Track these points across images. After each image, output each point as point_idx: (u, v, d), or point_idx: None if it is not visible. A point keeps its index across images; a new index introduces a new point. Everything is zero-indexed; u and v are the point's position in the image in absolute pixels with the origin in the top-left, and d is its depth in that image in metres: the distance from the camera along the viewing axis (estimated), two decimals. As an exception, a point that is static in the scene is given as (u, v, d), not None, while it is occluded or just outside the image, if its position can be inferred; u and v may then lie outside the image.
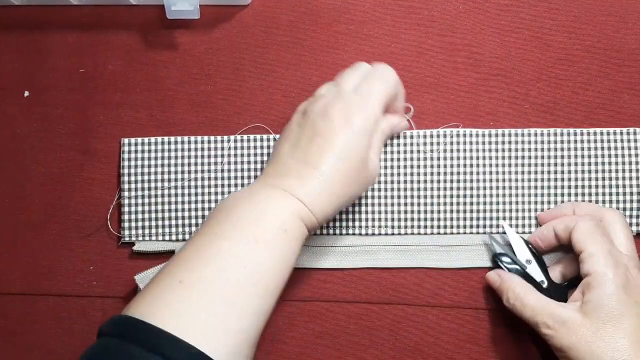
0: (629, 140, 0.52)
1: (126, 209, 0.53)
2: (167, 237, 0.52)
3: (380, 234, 0.52)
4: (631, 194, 0.52)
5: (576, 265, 0.48)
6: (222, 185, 0.53)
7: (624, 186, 0.52)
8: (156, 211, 0.53)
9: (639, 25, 0.54)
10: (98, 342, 0.39)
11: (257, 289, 0.41)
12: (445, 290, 0.52)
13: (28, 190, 0.54)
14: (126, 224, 0.53)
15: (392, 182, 0.53)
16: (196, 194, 0.53)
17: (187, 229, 0.53)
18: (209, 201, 0.53)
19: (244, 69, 0.54)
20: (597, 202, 0.52)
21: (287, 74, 0.54)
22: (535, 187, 0.52)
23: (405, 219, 0.53)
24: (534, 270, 0.49)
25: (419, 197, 0.52)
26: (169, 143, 0.53)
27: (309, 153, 0.46)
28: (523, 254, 0.50)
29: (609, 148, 0.52)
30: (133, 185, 0.53)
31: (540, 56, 0.54)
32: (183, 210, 0.53)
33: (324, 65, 0.54)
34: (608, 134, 0.52)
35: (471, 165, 0.52)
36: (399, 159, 0.53)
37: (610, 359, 0.43)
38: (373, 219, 0.53)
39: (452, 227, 0.52)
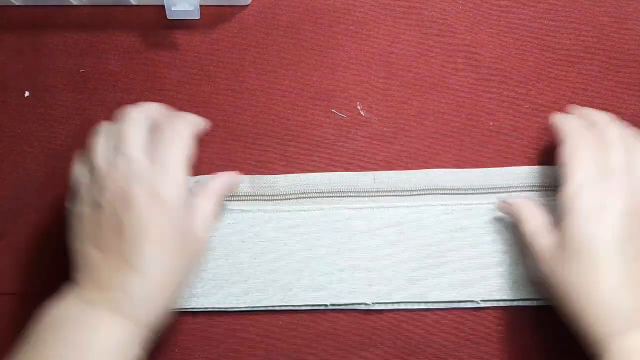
0: None
1: None
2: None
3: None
4: None
5: None
6: None
7: None
8: None
9: (639, 26, 0.54)
10: None
11: None
12: (445, 290, 0.52)
13: (28, 191, 0.54)
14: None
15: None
16: None
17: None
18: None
19: (244, 70, 0.55)
20: None
21: (288, 74, 0.54)
22: None
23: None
24: None
25: None
26: None
27: (123, 252, 0.40)
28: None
29: None
30: None
31: (540, 57, 0.54)
32: None
33: (324, 66, 0.54)
34: None
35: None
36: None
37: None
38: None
39: None
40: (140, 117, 0.45)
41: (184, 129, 0.45)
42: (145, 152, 0.43)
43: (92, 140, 0.45)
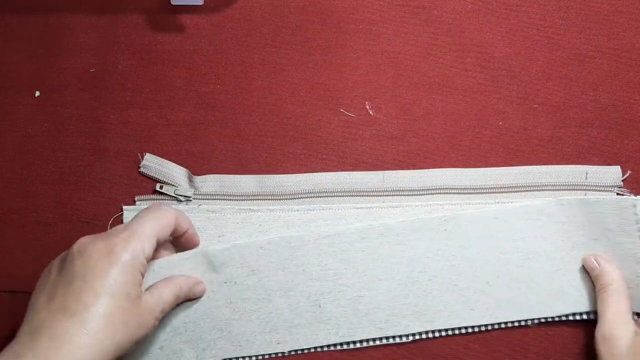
0: None
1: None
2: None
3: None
4: None
5: None
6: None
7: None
8: None
9: (650, 24, 0.54)
10: None
11: None
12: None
13: (39, 189, 0.54)
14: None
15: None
16: None
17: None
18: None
19: (253, 69, 0.55)
20: None
21: (296, 73, 0.54)
22: None
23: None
24: None
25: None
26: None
27: (67, 299, 0.40)
28: None
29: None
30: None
31: (550, 55, 0.54)
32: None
33: (333, 65, 0.54)
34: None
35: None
36: None
37: None
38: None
39: None
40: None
41: (163, 211, 0.46)
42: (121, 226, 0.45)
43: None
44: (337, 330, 0.50)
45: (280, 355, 0.51)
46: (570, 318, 0.50)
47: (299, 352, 0.51)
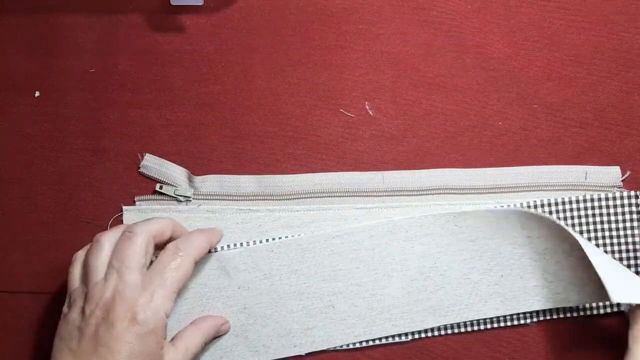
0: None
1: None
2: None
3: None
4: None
5: None
6: None
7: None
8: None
9: (649, 24, 0.54)
10: None
11: None
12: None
13: (38, 189, 0.54)
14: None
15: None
16: None
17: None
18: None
19: (253, 69, 0.55)
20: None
21: (296, 73, 0.54)
22: None
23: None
24: None
25: None
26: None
27: None
28: None
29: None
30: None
31: (550, 56, 0.54)
32: None
33: (333, 65, 0.54)
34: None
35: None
36: None
37: None
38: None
39: None
40: (145, 235, 0.46)
41: (184, 257, 0.46)
42: (140, 273, 0.45)
43: (92, 250, 0.46)
44: (353, 329, 0.50)
45: (297, 357, 0.51)
46: (588, 313, 0.50)
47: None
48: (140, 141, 0.54)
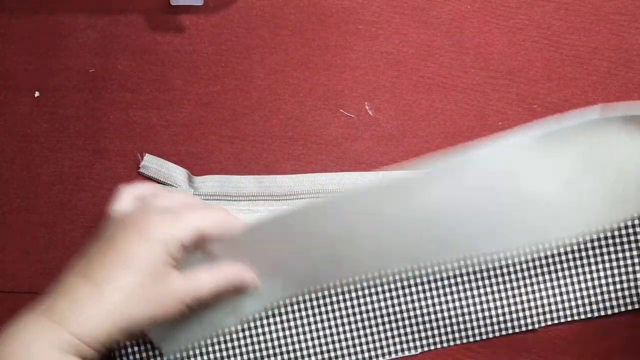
0: None
1: None
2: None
3: None
4: None
5: None
6: None
7: None
8: None
9: (649, 24, 0.54)
10: None
11: None
12: (453, 290, 0.52)
13: (39, 189, 0.54)
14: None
15: None
16: None
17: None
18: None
19: (253, 70, 0.55)
20: None
21: (296, 74, 0.55)
22: None
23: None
24: None
25: None
26: None
27: (94, 267, 0.41)
28: None
29: None
30: None
31: (549, 56, 0.54)
32: None
33: (333, 65, 0.54)
34: None
35: None
36: None
37: None
38: None
39: None
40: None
41: (215, 214, 0.44)
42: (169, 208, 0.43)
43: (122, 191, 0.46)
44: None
45: None
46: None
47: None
48: (140, 141, 0.54)
